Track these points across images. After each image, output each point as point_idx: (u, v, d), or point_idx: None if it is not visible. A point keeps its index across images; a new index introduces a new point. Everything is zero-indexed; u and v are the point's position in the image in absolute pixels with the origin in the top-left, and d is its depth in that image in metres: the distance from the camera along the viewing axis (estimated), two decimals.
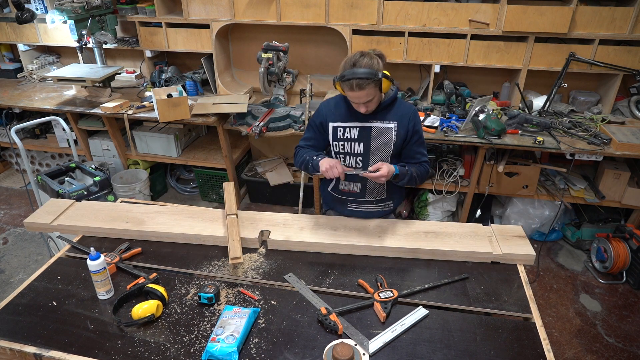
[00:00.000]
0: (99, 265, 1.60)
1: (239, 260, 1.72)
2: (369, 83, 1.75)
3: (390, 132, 1.94)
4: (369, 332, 1.50)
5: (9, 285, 3.11)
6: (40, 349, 1.45)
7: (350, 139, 1.97)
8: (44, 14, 3.93)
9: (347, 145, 1.98)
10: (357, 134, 1.95)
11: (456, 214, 3.74)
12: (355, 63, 1.78)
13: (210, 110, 3.43)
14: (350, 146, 1.98)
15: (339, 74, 1.82)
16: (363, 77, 1.73)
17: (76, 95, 3.82)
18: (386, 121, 1.94)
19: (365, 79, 1.74)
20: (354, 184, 2.07)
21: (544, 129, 3.08)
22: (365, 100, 1.81)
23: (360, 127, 1.95)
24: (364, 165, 1.99)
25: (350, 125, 1.96)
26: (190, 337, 1.49)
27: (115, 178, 3.71)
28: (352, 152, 1.99)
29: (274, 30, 3.79)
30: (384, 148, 1.96)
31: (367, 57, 1.79)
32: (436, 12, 3.27)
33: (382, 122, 1.94)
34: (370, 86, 1.76)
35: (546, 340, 1.47)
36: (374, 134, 1.94)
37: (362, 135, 1.95)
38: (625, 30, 3.09)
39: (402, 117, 1.94)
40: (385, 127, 1.94)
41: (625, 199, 3.20)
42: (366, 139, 1.95)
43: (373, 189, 2.07)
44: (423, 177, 2.02)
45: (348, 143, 1.98)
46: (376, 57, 1.82)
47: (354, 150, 1.98)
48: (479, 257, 1.84)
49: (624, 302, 2.98)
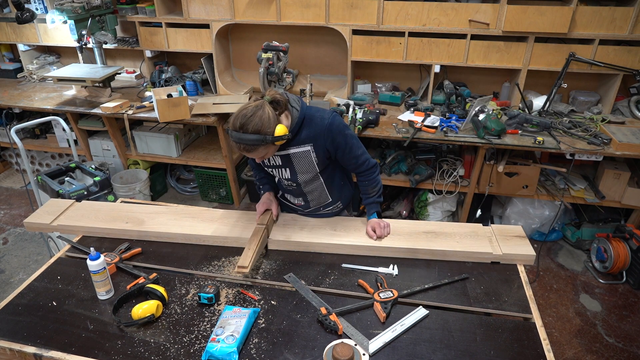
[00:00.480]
0: (99, 265, 1.59)
1: (244, 270, 1.70)
2: (256, 147, 1.65)
3: (309, 154, 1.86)
4: (369, 332, 1.49)
5: (9, 285, 3.11)
6: (40, 349, 1.45)
7: (276, 166, 1.93)
8: (44, 14, 3.93)
9: (276, 171, 1.96)
10: (280, 160, 1.90)
11: (456, 214, 3.74)
12: (242, 127, 1.62)
13: (210, 110, 3.43)
14: (278, 172, 1.95)
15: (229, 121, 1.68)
16: (249, 144, 1.63)
17: (76, 95, 3.82)
18: (301, 145, 1.83)
19: (253, 146, 1.64)
20: (296, 198, 2.08)
21: (544, 129, 3.08)
22: (259, 156, 1.74)
23: (280, 156, 1.88)
24: (297, 185, 1.97)
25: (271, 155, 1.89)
26: (190, 337, 1.49)
27: (115, 178, 3.71)
28: (283, 177, 1.97)
29: (274, 30, 3.79)
30: (309, 169, 1.91)
31: (257, 117, 1.61)
32: (436, 12, 3.27)
33: (298, 146, 1.83)
34: (259, 149, 1.66)
35: (546, 340, 1.47)
36: (294, 159, 1.88)
37: (284, 162, 1.90)
38: (625, 30, 3.09)
39: (315, 138, 1.81)
40: (302, 151, 1.85)
41: (625, 199, 3.20)
42: (289, 164, 1.90)
43: (315, 199, 2.05)
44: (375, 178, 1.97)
45: (276, 169, 1.95)
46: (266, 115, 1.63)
47: (284, 176, 1.96)
48: (479, 257, 1.84)
49: (624, 302, 2.98)
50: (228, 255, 1.88)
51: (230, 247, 1.93)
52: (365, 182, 1.98)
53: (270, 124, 1.63)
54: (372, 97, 3.65)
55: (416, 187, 3.41)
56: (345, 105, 3.39)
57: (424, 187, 3.47)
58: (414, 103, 3.51)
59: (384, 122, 3.31)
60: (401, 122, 3.31)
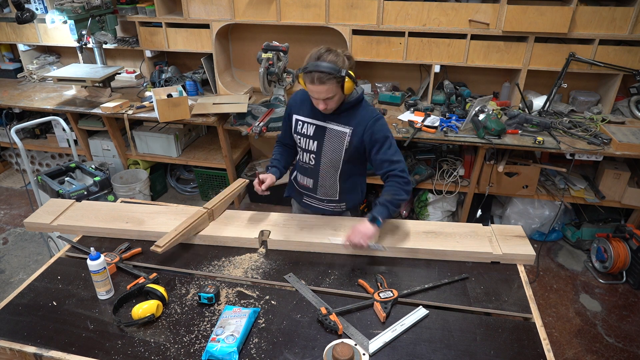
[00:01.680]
0: (99, 265, 1.60)
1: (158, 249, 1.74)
2: (330, 78, 1.69)
3: (344, 137, 1.87)
4: (369, 332, 1.50)
5: (9, 285, 3.11)
6: (40, 349, 1.45)
7: (306, 135, 1.95)
8: (44, 14, 3.93)
9: (303, 141, 1.98)
10: (313, 131, 1.92)
11: (456, 214, 3.74)
12: (319, 57, 1.72)
13: (210, 110, 3.43)
14: (305, 142, 1.97)
15: (303, 66, 1.75)
16: (325, 71, 1.68)
17: (76, 95, 3.82)
18: (342, 125, 1.86)
19: (327, 73, 1.68)
20: (307, 178, 2.08)
21: (544, 129, 3.08)
22: (325, 96, 1.74)
23: (316, 126, 1.91)
24: (315, 164, 1.99)
25: (308, 121, 1.94)
26: (190, 337, 1.49)
27: (115, 178, 3.71)
28: (307, 148, 1.98)
29: (274, 30, 3.79)
30: (336, 151, 1.91)
31: (333, 53, 1.73)
32: (436, 12, 3.27)
33: (338, 124, 1.87)
34: (331, 82, 1.70)
35: (546, 340, 1.47)
36: (327, 135, 1.90)
37: (317, 134, 1.92)
38: (625, 30, 3.09)
39: (358, 124, 1.84)
40: (339, 131, 1.87)
41: (625, 199, 3.20)
42: (320, 139, 1.92)
43: (324, 188, 2.06)
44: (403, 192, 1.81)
45: (304, 139, 1.97)
46: (343, 56, 1.75)
47: (309, 147, 1.97)
48: (479, 257, 1.84)
49: (624, 302, 2.98)
50: (228, 255, 1.88)
51: (230, 247, 1.93)
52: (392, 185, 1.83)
53: (344, 63, 1.73)
54: (372, 97, 3.65)
55: (416, 187, 3.42)
56: None
57: (424, 187, 3.47)
58: (414, 103, 3.51)
59: None
60: (401, 122, 3.31)
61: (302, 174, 2.10)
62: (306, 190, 2.12)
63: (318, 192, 2.08)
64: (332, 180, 2.02)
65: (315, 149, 1.95)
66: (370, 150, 1.87)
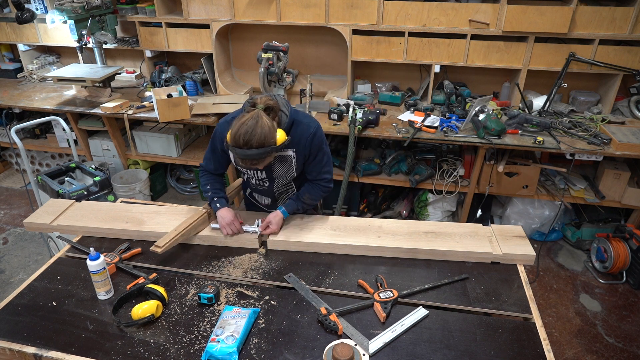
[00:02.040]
0: (98, 265, 1.59)
1: (158, 249, 1.76)
2: (264, 159, 1.68)
3: (290, 159, 1.90)
4: (369, 332, 1.49)
5: (9, 285, 3.11)
6: (40, 349, 1.45)
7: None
8: (44, 14, 3.93)
9: (251, 172, 1.97)
10: None
11: (456, 214, 3.73)
12: (247, 143, 1.61)
13: (210, 110, 3.43)
14: (253, 173, 1.97)
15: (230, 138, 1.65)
16: (257, 158, 1.64)
17: (76, 95, 3.82)
18: (284, 149, 1.83)
19: (264, 159, 1.67)
20: (264, 197, 2.13)
21: (544, 129, 3.07)
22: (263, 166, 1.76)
23: None
24: (269, 186, 2.03)
25: None
26: (190, 337, 1.49)
27: (115, 178, 3.71)
28: (257, 177, 1.99)
29: (274, 30, 3.79)
30: (287, 173, 1.95)
31: (259, 127, 1.60)
32: (436, 12, 3.27)
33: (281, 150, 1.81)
34: (266, 159, 1.70)
35: (546, 340, 1.47)
36: (274, 162, 1.90)
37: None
38: (625, 30, 3.09)
39: (298, 143, 1.84)
40: (284, 155, 1.88)
41: (625, 199, 3.20)
42: (267, 168, 1.92)
43: (283, 200, 2.10)
44: (319, 196, 2.01)
45: (251, 171, 1.96)
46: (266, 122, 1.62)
47: (258, 176, 1.98)
48: (479, 257, 1.84)
49: (624, 302, 2.98)
50: (228, 255, 1.88)
51: (230, 247, 1.93)
52: (310, 188, 1.99)
53: (271, 133, 1.64)
54: (372, 97, 3.65)
55: (416, 187, 3.41)
56: (345, 105, 3.39)
57: (424, 187, 3.47)
58: (414, 103, 3.51)
59: (384, 122, 3.30)
60: (401, 122, 3.31)
61: (259, 194, 2.13)
62: (266, 206, 2.17)
63: (279, 204, 2.11)
64: (289, 192, 2.08)
65: (266, 176, 1.97)
66: (308, 159, 1.92)
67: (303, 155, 1.89)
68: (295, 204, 1.98)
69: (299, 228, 1.99)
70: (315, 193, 1.99)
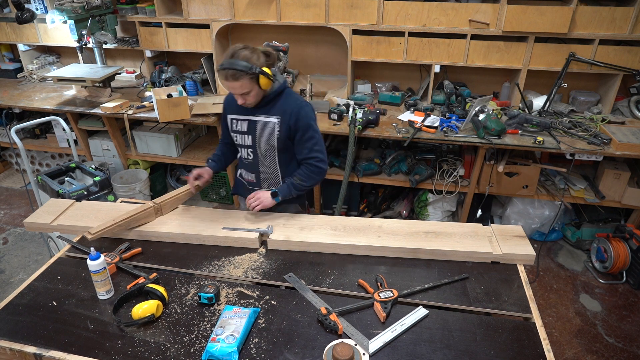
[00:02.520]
0: (99, 265, 1.60)
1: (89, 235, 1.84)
2: (242, 75, 1.78)
3: (273, 126, 1.96)
4: (369, 332, 1.49)
5: (9, 285, 3.11)
6: (40, 349, 1.45)
7: (240, 131, 2.04)
8: (44, 14, 3.93)
9: (239, 138, 2.06)
10: (246, 126, 2.02)
11: (456, 214, 3.74)
12: (234, 54, 1.79)
13: (210, 110, 3.43)
14: (241, 138, 2.05)
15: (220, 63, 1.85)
16: (237, 68, 1.76)
17: (76, 95, 3.82)
18: (269, 115, 1.96)
19: (239, 70, 1.76)
20: (250, 173, 2.17)
21: (544, 129, 3.08)
22: (240, 92, 1.84)
23: (248, 121, 2.00)
24: (254, 157, 2.07)
25: (240, 118, 2.03)
26: (190, 337, 1.49)
27: (115, 178, 3.71)
28: (244, 144, 2.06)
29: (274, 30, 3.79)
30: (268, 142, 2.00)
31: (249, 50, 1.81)
32: (436, 12, 3.27)
33: (266, 116, 1.96)
34: (244, 79, 1.79)
35: (546, 340, 1.47)
36: (258, 128, 1.98)
37: (250, 128, 2.01)
38: (625, 30, 3.09)
39: (284, 112, 1.94)
40: (268, 121, 1.97)
41: (625, 199, 3.20)
42: (253, 132, 2.00)
43: (267, 179, 2.15)
44: (312, 179, 2.03)
45: (239, 135, 2.05)
46: (259, 53, 1.83)
47: (245, 142, 2.05)
48: (479, 257, 1.84)
49: (624, 302, 2.98)
50: (228, 255, 1.88)
51: (230, 247, 1.93)
52: (300, 170, 2.02)
53: (259, 59, 1.81)
54: (372, 97, 3.65)
55: (416, 187, 3.42)
56: (345, 105, 3.39)
57: (424, 187, 3.47)
58: (414, 103, 3.51)
59: (384, 122, 3.31)
60: (401, 122, 3.31)
61: (246, 170, 2.19)
62: (252, 185, 2.21)
63: (262, 184, 2.17)
64: (272, 170, 2.11)
65: (251, 143, 2.04)
66: (294, 136, 1.98)
67: (287, 127, 1.95)
68: (287, 187, 2.02)
69: (299, 228, 1.99)
70: (305, 174, 2.01)
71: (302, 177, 2.02)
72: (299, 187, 2.02)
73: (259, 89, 1.87)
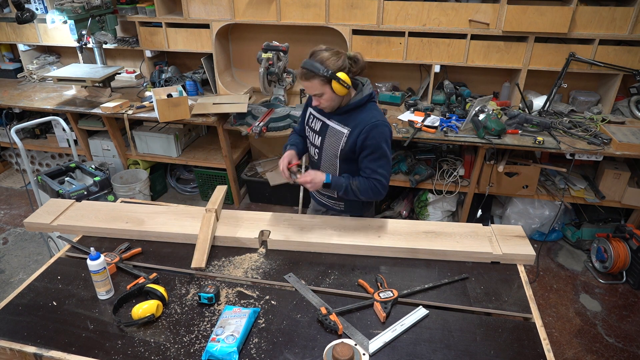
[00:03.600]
0: (99, 265, 1.59)
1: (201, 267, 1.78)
2: (314, 76, 1.76)
3: (341, 136, 1.91)
4: (369, 332, 1.49)
5: (9, 285, 3.11)
6: (40, 349, 1.45)
7: (313, 129, 2.04)
8: (44, 14, 3.93)
9: (311, 135, 2.06)
10: (319, 127, 2.01)
11: (456, 214, 3.74)
12: (313, 54, 1.80)
13: (210, 110, 3.43)
14: (312, 136, 2.05)
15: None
16: (309, 69, 1.75)
17: (76, 95, 3.82)
18: (342, 124, 1.91)
19: (309, 71, 1.75)
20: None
21: (544, 129, 3.08)
22: (313, 92, 1.82)
23: (322, 122, 1.99)
24: (319, 158, 2.06)
25: (317, 116, 2.02)
26: (190, 337, 1.49)
27: (115, 178, 3.71)
28: (313, 142, 2.06)
29: (274, 30, 3.79)
30: (334, 149, 1.96)
31: (329, 52, 1.77)
32: (436, 12, 3.27)
33: (338, 124, 1.92)
34: (314, 80, 1.77)
35: (546, 340, 1.47)
36: (329, 133, 1.96)
37: (322, 130, 2.00)
38: (625, 30, 3.09)
39: (356, 126, 1.86)
40: (338, 130, 1.92)
41: (625, 199, 3.20)
42: (323, 135, 1.99)
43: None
44: (367, 193, 1.90)
45: (312, 132, 2.05)
46: (342, 58, 1.76)
47: (314, 142, 2.05)
48: (479, 257, 1.84)
49: (624, 302, 2.98)
50: (228, 255, 1.88)
51: (230, 247, 1.93)
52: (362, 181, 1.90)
53: (336, 64, 1.75)
54: None
55: (416, 187, 3.41)
56: None
57: (424, 187, 3.47)
58: (414, 103, 3.51)
59: None
60: (401, 122, 3.31)
61: (311, 167, 2.17)
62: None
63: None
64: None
65: (319, 144, 2.02)
66: (360, 153, 1.90)
67: (355, 140, 1.87)
68: (342, 181, 1.90)
69: (299, 228, 1.99)
70: (364, 185, 1.90)
71: (359, 184, 1.90)
72: (351, 191, 1.90)
73: (332, 94, 1.80)
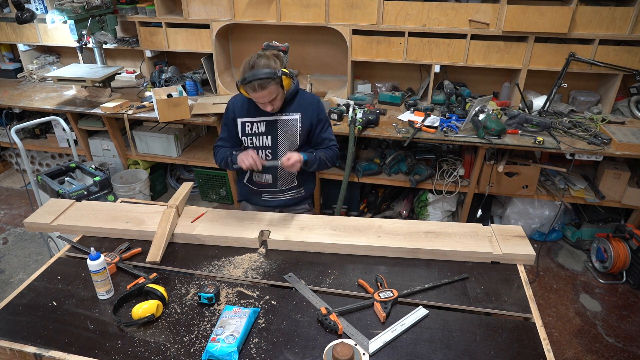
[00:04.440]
0: (99, 265, 1.60)
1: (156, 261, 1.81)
2: (269, 82, 1.84)
3: (296, 123, 2.05)
4: (369, 332, 1.49)
5: (9, 285, 3.11)
6: (40, 349, 1.45)
7: (257, 133, 2.07)
8: (44, 14, 3.93)
9: (256, 139, 2.09)
10: (264, 127, 2.06)
11: (456, 214, 3.74)
12: (253, 65, 1.85)
13: (210, 110, 3.43)
14: (258, 140, 2.09)
15: (240, 78, 1.89)
16: (264, 77, 1.82)
17: (76, 95, 3.82)
18: (290, 113, 2.04)
19: (266, 79, 1.82)
20: (266, 175, 2.19)
21: (544, 129, 3.08)
22: (269, 99, 1.89)
23: (266, 121, 2.05)
24: (273, 157, 2.10)
25: (257, 120, 2.06)
26: (190, 337, 1.49)
27: (115, 178, 3.71)
28: (261, 145, 2.09)
29: (274, 30, 3.79)
30: (291, 139, 2.07)
31: (264, 58, 1.87)
32: (436, 12, 3.27)
33: (287, 114, 2.04)
34: (271, 85, 1.85)
35: (546, 340, 1.47)
36: (280, 126, 2.04)
37: (269, 129, 2.05)
38: (625, 30, 3.09)
39: (305, 108, 2.05)
40: (290, 119, 2.04)
41: (625, 199, 3.20)
42: (273, 132, 2.05)
43: (284, 179, 2.18)
44: (333, 160, 2.13)
45: (256, 137, 2.09)
46: (272, 57, 1.89)
47: (263, 144, 2.09)
48: (479, 257, 1.84)
49: (624, 302, 2.98)
50: (228, 255, 1.88)
51: (230, 247, 1.93)
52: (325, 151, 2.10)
53: (276, 63, 1.87)
54: (372, 97, 3.65)
55: (416, 187, 3.41)
56: (345, 105, 3.39)
57: (424, 187, 3.47)
58: (414, 103, 3.51)
59: (384, 122, 3.31)
60: (401, 122, 3.31)
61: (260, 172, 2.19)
62: (265, 187, 2.23)
63: (278, 185, 2.20)
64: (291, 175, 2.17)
65: (270, 143, 2.08)
66: (315, 128, 2.08)
67: (309, 122, 2.05)
68: (312, 154, 2.06)
69: (299, 228, 1.99)
70: (329, 153, 2.11)
71: (325, 154, 2.09)
72: (323, 162, 2.08)
73: (282, 91, 1.95)
